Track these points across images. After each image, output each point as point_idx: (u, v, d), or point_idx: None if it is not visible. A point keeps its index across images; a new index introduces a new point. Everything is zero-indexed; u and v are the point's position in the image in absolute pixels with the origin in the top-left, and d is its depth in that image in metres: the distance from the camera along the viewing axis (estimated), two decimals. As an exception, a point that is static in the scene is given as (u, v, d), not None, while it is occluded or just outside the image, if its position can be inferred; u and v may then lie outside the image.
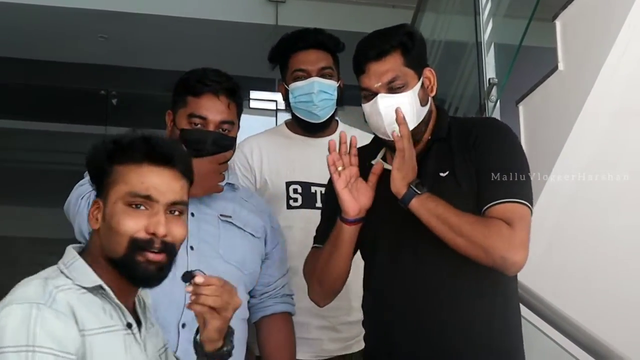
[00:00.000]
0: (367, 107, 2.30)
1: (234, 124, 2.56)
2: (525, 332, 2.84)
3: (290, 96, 2.96)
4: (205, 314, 1.91)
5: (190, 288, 1.89)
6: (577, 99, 3.11)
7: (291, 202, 2.91)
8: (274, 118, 6.79)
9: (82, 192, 2.46)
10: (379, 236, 2.33)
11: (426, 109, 2.34)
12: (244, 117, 2.65)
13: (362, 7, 6.10)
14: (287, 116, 3.12)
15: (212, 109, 2.50)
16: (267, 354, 2.66)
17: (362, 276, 2.40)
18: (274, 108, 6.92)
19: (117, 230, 1.83)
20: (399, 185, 2.20)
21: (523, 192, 2.24)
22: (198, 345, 1.96)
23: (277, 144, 3.01)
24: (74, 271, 1.81)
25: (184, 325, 2.36)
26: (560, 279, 3.42)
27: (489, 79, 3.71)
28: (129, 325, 1.84)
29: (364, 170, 2.39)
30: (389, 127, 2.27)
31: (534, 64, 3.39)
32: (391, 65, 2.29)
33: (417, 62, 2.33)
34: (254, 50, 6.67)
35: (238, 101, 2.58)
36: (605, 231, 3.45)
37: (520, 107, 3.50)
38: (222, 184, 2.57)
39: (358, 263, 2.40)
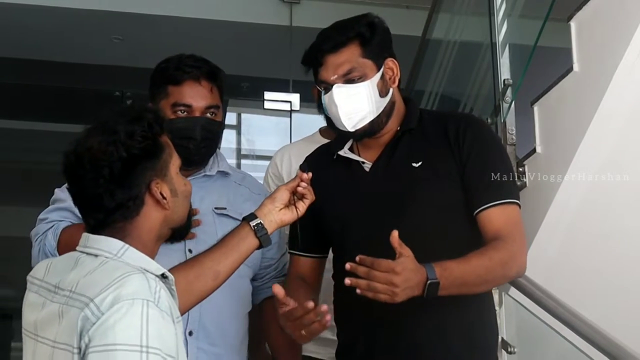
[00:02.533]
0: (325, 98, 2.33)
1: (219, 107, 2.53)
2: (540, 333, 2.85)
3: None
4: None
5: None
6: (592, 99, 3.10)
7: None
8: (289, 119, 6.80)
9: (41, 229, 2.46)
10: (351, 231, 2.35)
11: (386, 100, 2.35)
12: (258, 117, 2.66)
13: (376, 8, 6.07)
14: (302, 117, 3.14)
15: (195, 96, 2.48)
16: (271, 336, 2.65)
17: None
18: (289, 109, 6.93)
19: (188, 194, 1.93)
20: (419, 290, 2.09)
21: (513, 191, 2.32)
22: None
23: (308, 150, 3.04)
24: (129, 259, 1.78)
25: (190, 333, 2.36)
26: (575, 279, 3.41)
27: (504, 80, 3.70)
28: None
29: (329, 163, 2.43)
30: (345, 118, 2.29)
31: (549, 65, 3.38)
32: (347, 57, 2.31)
33: (377, 52, 2.34)
34: (268, 51, 6.69)
35: (220, 84, 2.55)
36: (620, 231, 3.44)
37: (535, 108, 3.50)
38: (213, 172, 2.57)
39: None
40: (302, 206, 2.21)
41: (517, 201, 2.31)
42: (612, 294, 3.50)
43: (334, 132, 2.75)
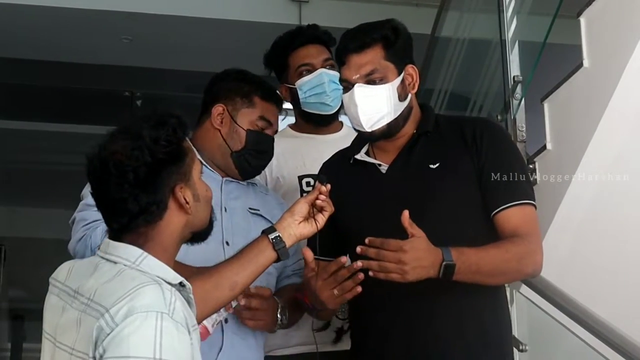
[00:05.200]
0: (345, 97, 2.35)
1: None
2: (551, 330, 2.84)
3: (300, 93, 3.00)
4: None
5: None
6: (602, 95, 3.09)
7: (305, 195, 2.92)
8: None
9: (90, 217, 2.42)
10: (368, 233, 2.34)
11: (404, 104, 2.37)
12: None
13: (385, 6, 6.09)
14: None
15: (276, 117, 2.66)
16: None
17: None
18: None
19: (210, 199, 1.96)
20: (434, 271, 2.11)
21: (529, 192, 2.34)
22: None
23: (284, 144, 3.04)
24: (147, 268, 1.78)
25: (226, 321, 2.39)
26: (586, 276, 3.40)
27: (514, 77, 3.70)
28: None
29: (346, 167, 2.44)
30: (364, 118, 2.29)
31: (559, 61, 3.38)
32: (371, 57, 2.33)
33: (399, 57, 2.37)
34: (277, 50, 6.62)
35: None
36: (631, 228, 3.44)
37: (545, 105, 3.49)
38: (244, 182, 2.61)
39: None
40: (322, 219, 2.22)
41: (534, 202, 2.33)
42: (623, 291, 3.49)
43: (311, 126, 3.00)
